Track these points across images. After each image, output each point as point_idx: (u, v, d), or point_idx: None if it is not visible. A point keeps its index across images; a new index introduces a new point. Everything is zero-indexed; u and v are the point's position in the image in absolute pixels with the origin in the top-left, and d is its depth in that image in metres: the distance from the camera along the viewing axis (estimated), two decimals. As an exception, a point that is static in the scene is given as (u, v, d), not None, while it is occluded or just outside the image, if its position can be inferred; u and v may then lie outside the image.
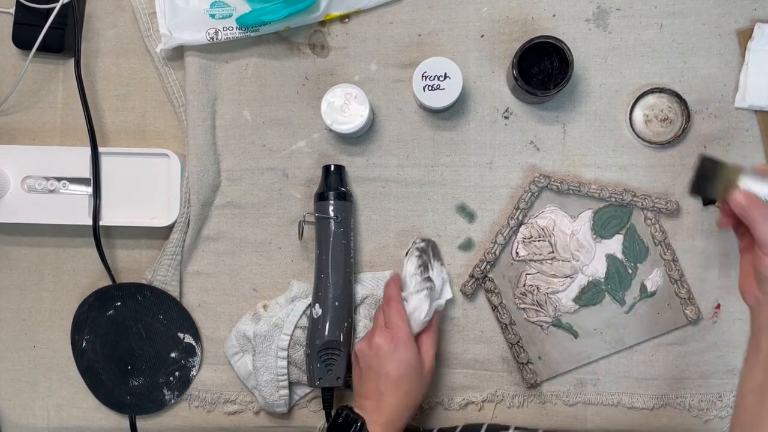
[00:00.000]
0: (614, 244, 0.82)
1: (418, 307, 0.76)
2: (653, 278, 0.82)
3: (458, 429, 0.79)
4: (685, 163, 0.82)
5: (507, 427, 0.78)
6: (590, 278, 0.83)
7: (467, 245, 0.84)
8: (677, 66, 0.82)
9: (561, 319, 0.83)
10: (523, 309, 0.83)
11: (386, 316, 0.75)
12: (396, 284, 0.79)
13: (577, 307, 0.82)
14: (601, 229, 0.82)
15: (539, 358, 0.83)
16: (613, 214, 0.82)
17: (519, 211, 0.82)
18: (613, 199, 0.82)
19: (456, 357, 0.85)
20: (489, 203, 0.84)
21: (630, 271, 0.82)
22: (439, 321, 0.80)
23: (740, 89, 0.80)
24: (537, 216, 0.83)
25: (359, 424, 0.70)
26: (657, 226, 0.81)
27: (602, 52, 0.83)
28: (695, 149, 0.82)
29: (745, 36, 0.80)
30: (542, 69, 0.79)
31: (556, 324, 0.83)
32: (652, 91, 0.81)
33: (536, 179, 0.81)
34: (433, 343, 0.77)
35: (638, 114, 0.82)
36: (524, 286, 0.83)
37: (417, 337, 0.76)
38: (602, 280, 0.82)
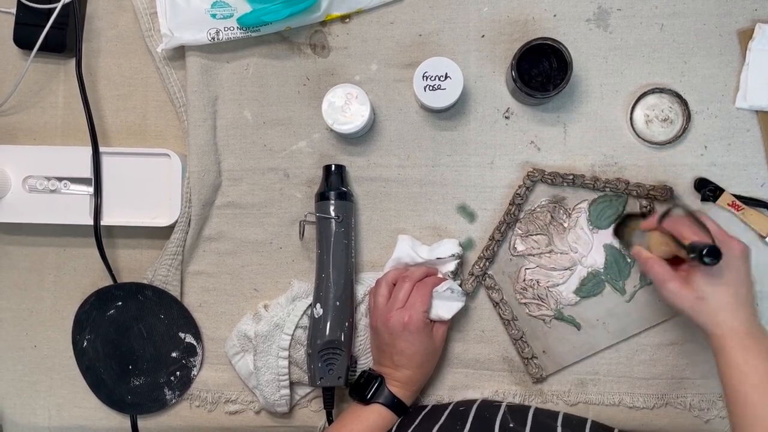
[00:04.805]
0: (611, 234, 0.83)
1: (443, 307, 0.78)
2: None
3: (450, 406, 0.79)
4: (685, 164, 0.82)
5: (500, 403, 0.79)
6: (589, 269, 0.83)
7: (468, 245, 0.84)
8: (678, 66, 0.82)
9: (563, 311, 0.83)
10: (525, 304, 0.83)
11: (411, 296, 0.77)
12: (436, 275, 0.81)
13: (578, 298, 0.83)
14: (597, 219, 0.83)
15: (543, 352, 0.83)
16: (608, 204, 0.82)
17: (514, 206, 0.82)
18: (608, 189, 0.82)
19: (457, 357, 0.85)
20: (490, 203, 0.84)
21: (629, 260, 0.82)
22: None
23: (741, 89, 0.81)
24: (533, 210, 0.83)
25: (379, 380, 0.77)
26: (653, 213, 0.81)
27: (603, 52, 0.83)
28: (696, 149, 0.82)
29: (745, 36, 0.81)
30: (541, 70, 0.79)
31: (558, 317, 0.83)
32: (652, 91, 0.81)
33: (530, 173, 0.82)
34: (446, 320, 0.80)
35: (639, 114, 0.82)
36: (524, 280, 0.83)
37: None
38: (601, 270, 0.83)
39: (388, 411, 0.76)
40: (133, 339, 0.87)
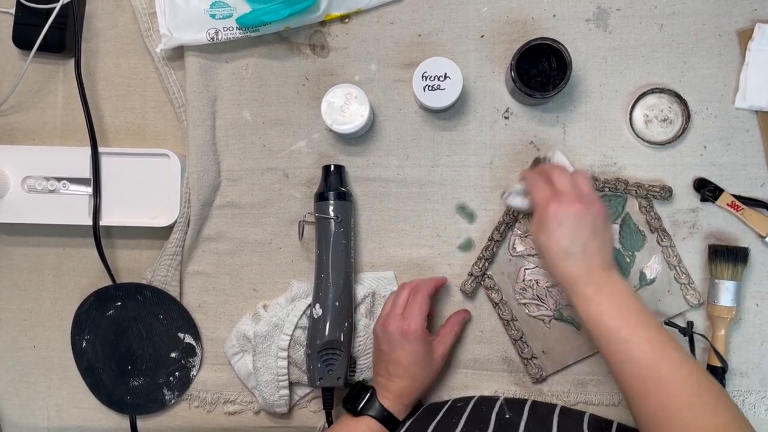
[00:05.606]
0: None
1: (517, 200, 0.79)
2: (652, 266, 0.82)
3: (449, 403, 0.79)
4: (685, 164, 0.82)
5: (496, 398, 0.79)
6: None
7: (467, 245, 0.84)
8: (677, 66, 0.82)
9: (562, 312, 0.83)
10: (524, 304, 0.83)
11: (409, 304, 0.77)
12: (436, 283, 0.80)
13: None
14: None
15: (543, 352, 0.83)
16: (607, 204, 0.82)
17: None
18: (607, 189, 0.82)
19: (456, 357, 0.85)
20: (489, 203, 0.84)
21: (628, 260, 0.82)
22: (463, 321, 0.82)
23: (740, 89, 0.81)
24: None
25: (370, 392, 0.76)
26: (652, 213, 0.81)
27: (602, 52, 0.83)
28: (695, 149, 0.82)
29: (745, 36, 0.80)
30: (541, 70, 0.79)
31: (557, 317, 0.83)
32: (652, 91, 0.81)
33: None
34: (452, 337, 0.80)
35: (638, 114, 0.82)
36: (524, 281, 0.83)
37: (439, 328, 0.81)
38: None
39: (378, 424, 0.75)
40: (132, 339, 0.87)
